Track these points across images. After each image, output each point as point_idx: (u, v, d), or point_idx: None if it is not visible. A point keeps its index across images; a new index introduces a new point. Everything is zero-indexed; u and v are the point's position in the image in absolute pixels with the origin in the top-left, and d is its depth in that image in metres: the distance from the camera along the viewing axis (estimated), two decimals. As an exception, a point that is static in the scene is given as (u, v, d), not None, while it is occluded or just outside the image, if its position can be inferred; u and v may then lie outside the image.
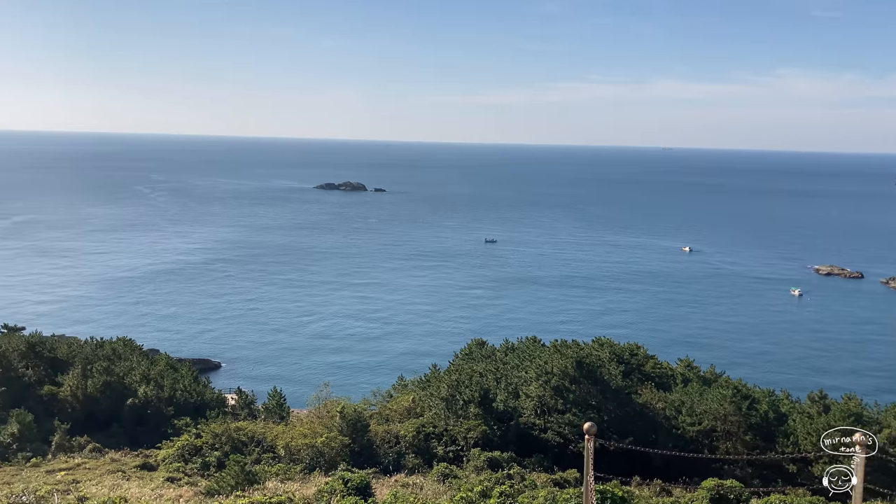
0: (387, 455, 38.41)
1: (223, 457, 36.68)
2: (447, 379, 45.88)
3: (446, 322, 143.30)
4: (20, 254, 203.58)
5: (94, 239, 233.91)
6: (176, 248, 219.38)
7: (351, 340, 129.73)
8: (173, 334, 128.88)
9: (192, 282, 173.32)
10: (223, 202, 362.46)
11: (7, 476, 36.55)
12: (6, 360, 53.16)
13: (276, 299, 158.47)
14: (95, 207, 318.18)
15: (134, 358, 57.66)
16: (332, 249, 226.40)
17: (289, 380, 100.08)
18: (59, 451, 43.02)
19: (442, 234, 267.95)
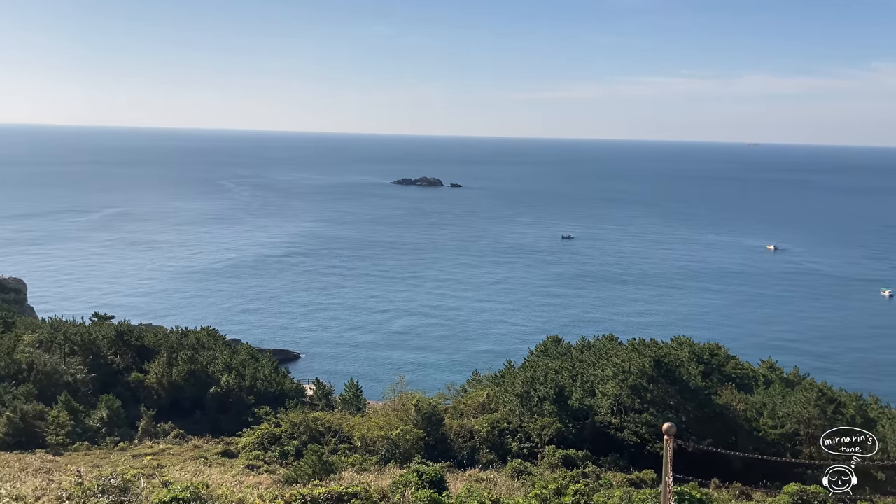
0: (461, 449, 38.51)
1: (301, 446, 37.37)
2: (522, 375, 45.70)
3: (521, 318, 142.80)
4: (110, 245, 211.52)
5: (180, 232, 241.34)
6: (258, 242, 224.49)
7: (426, 335, 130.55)
8: (254, 325, 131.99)
9: (272, 274, 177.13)
10: (304, 197, 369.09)
11: (96, 459, 38.02)
12: (96, 348, 55.31)
13: (353, 293, 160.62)
14: (182, 201, 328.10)
15: (217, 347, 59.19)
16: (408, 244, 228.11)
17: (365, 372, 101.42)
18: (144, 436, 44.52)
19: (518, 229, 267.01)
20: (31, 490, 26.76)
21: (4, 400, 45.15)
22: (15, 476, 31.09)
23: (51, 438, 42.64)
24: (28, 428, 42.48)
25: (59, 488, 26.63)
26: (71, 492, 24.30)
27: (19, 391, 46.87)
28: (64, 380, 50.69)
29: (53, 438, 42.68)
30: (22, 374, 50.58)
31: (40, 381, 49.78)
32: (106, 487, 21.21)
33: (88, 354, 54.52)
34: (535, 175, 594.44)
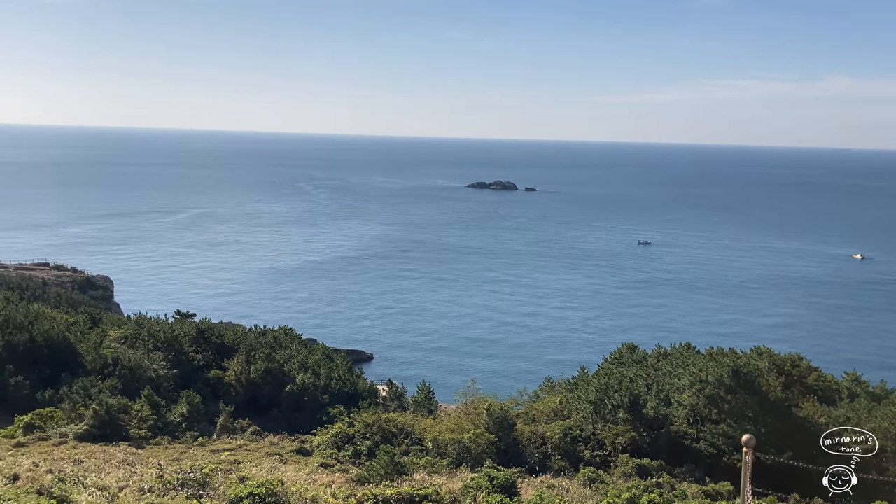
0: (532, 455, 38.27)
1: (374, 446, 37.72)
2: (596, 382, 45.17)
3: (596, 325, 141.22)
4: (193, 245, 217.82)
5: (260, 233, 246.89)
6: (334, 243, 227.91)
7: (499, 339, 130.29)
8: (330, 325, 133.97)
9: (347, 275, 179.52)
10: (379, 200, 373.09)
11: (177, 453, 39.13)
12: (178, 345, 56.92)
13: (427, 296, 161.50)
14: (262, 203, 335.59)
15: (293, 346, 60.23)
16: (481, 248, 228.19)
17: (437, 374, 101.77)
18: (223, 432, 45.59)
19: (593, 234, 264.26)
20: (115, 481, 27.72)
21: (91, 393, 46.85)
22: (100, 467, 32.27)
23: (133, 432, 44.05)
24: (112, 421, 43.95)
25: (141, 480, 27.53)
26: (152, 484, 25.07)
27: (105, 385, 48.56)
28: (147, 375, 52.33)
29: (136, 432, 44.08)
30: (108, 368, 52.42)
31: (125, 375, 51.49)
32: (185, 481, 21.82)
33: (171, 351, 56.16)
34: (612, 179, 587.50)
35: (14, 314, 55.65)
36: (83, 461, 33.94)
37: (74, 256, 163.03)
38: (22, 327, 54.01)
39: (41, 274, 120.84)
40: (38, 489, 23.48)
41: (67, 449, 38.86)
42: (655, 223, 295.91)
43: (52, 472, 29.19)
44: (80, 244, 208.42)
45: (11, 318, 54.62)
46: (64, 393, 47.91)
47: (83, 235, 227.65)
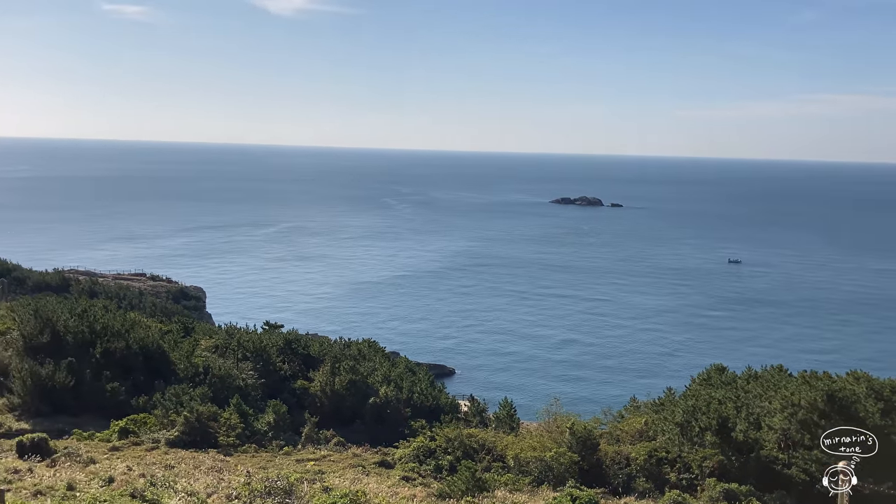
0: (616, 476, 37.56)
1: (455, 461, 37.70)
2: (683, 404, 44.05)
3: (683, 345, 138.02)
4: (282, 258, 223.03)
5: (345, 246, 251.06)
6: (417, 258, 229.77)
7: (583, 357, 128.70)
8: (412, 339, 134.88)
9: (430, 290, 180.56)
10: (463, 214, 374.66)
11: (263, 461, 39.95)
12: (266, 355, 58.26)
13: (509, 311, 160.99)
14: (348, 217, 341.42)
15: (377, 359, 60.88)
16: (565, 264, 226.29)
17: (519, 391, 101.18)
18: (307, 442, 46.34)
19: (681, 251, 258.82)
20: (203, 487, 28.50)
21: (182, 400, 48.33)
22: (189, 473, 33.21)
23: (222, 439, 45.19)
24: (202, 428, 45.21)
25: (229, 487, 28.21)
26: (239, 491, 25.66)
27: (196, 393, 50.01)
28: (236, 384, 53.68)
29: (224, 439, 45.21)
30: (199, 376, 54.01)
31: (215, 384, 52.95)
32: (272, 489, 22.24)
33: (259, 360, 57.53)
34: (700, 195, 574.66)
35: (112, 322, 57.95)
36: (174, 466, 34.99)
37: (169, 267, 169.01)
38: (119, 335, 56.19)
39: (138, 284, 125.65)
40: (131, 492, 24.31)
41: (159, 454, 40.15)
42: (746, 241, 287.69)
43: (144, 476, 30.20)
44: (175, 255, 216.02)
45: (109, 326, 56.89)
46: (157, 399, 49.58)
47: (178, 247, 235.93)
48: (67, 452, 35.35)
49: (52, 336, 55.18)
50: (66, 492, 24.88)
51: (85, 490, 25.76)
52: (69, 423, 48.20)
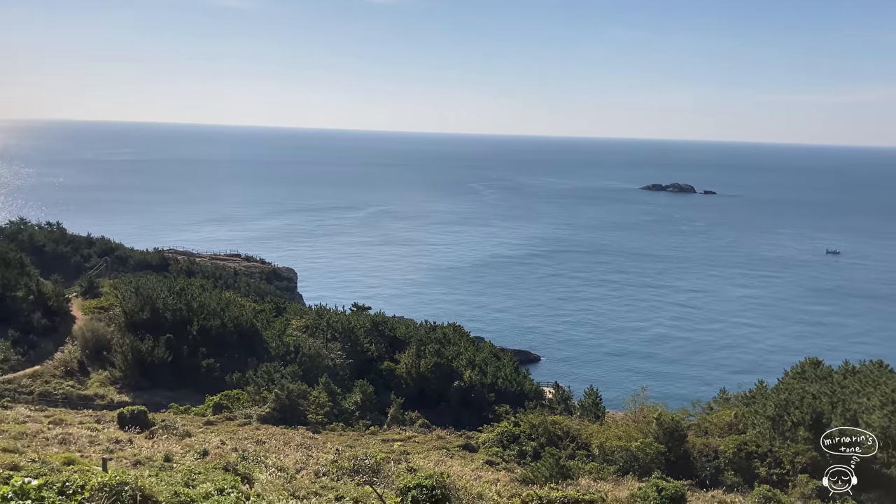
0: (704, 469, 36.86)
1: (539, 448, 37.68)
2: (775, 398, 42.83)
3: (777, 337, 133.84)
4: (370, 241, 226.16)
5: (432, 231, 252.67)
6: (503, 243, 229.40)
7: (671, 347, 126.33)
8: (497, 324, 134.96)
9: (516, 276, 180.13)
10: (550, 201, 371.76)
11: (350, 440, 40.79)
12: (354, 336, 59.35)
13: (595, 299, 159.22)
14: (436, 202, 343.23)
15: (461, 343, 61.21)
16: (654, 252, 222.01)
17: (605, 380, 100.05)
18: (393, 422, 47.07)
19: (776, 241, 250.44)
20: (293, 463, 29.30)
21: (274, 378, 49.71)
22: (279, 449, 34.18)
23: (311, 417, 46.34)
24: (292, 405, 46.46)
25: (317, 464, 28.94)
26: (327, 468, 26.30)
27: (286, 371, 51.36)
28: (325, 363, 54.89)
29: (313, 417, 46.34)
30: (290, 355, 55.45)
31: (305, 363, 54.27)
32: (359, 467, 22.68)
33: (347, 341, 58.66)
34: (797, 183, 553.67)
35: (208, 301, 60.01)
36: (265, 442, 36.08)
37: (263, 249, 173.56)
38: (214, 313, 58.16)
39: (233, 264, 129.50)
40: (224, 466, 25.17)
41: (251, 429, 41.47)
42: (844, 231, 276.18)
43: (236, 450, 31.24)
44: (269, 237, 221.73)
45: (206, 305, 58.94)
46: (250, 376, 51.17)
47: (272, 229, 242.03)
48: (165, 425, 36.87)
49: (151, 313, 57.57)
50: (164, 463, 25.95)
51: (181, 462, 26.82)
52: (166, 397, 50.28)
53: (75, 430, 32.67)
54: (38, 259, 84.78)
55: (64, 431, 31.76)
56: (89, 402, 48.46)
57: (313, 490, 21.57)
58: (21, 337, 55.53)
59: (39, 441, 28.99)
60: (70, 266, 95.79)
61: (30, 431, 30.72)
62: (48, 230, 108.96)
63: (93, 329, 56.72)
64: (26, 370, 52.55)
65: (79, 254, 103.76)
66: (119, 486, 14.46)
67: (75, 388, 51.09)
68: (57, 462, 22.76)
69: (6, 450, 25.04)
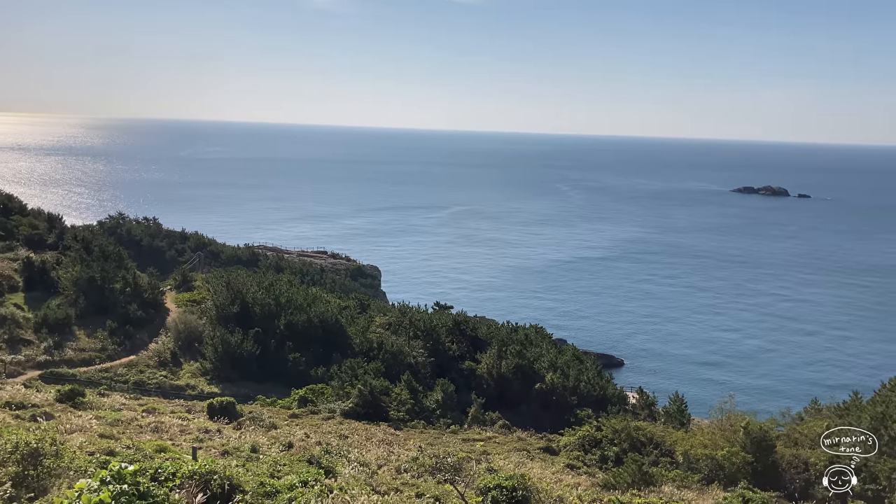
0: (793, 481, 35.63)
1: (621, 453, 37.15)
2: (871, 410, 41.09)
3: (874, 347, 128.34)
4: (452, 240, 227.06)
5: (515, 231, 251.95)
6: (587, 245, 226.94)
7: (760, 354, 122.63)
8: (580, 327, 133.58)
9: (599, 278, 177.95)
10: (636, 202, 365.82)
11: (430, 438, 41.04)
12: (436, 334, 59.73)
13: (683, 303, 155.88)
14: (519, 202, 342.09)
15: (543, 345, 60.91)
16: (744, 257, 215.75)
17: (691, 386, 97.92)
18: (473, 422, 47.16)
19: (878, 247, 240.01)
20: (374, 458, 29.66)
21: (357, 374, 50.46)
22: (361, 444, 34.66)
23: (393, 413, 46.84)
24: (375, 401, 47.07)
25: (398, 460, 29.22)
26: (408, 465, 26.54)
27: (370, 367, 52.08)
28: (407, 361, 55.42)
29: (395, 413, 46.83)
30: (373, 351, 56.21)
31: (387, 359, 54.92)
32: (441, 466, 22.80)
33: (429, 340, 59.10)
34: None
35: (295, 296, 61.35)
36: (347, 437, 36.65)
37: (348, 246, 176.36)
38: (301, 308, 59.43)
39: (319, 261, 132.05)
40: (308, 458, 25.68)
41: (334, 424, 42.18)
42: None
43: (320, 444, 31.83)
44: (354, 235, 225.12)
45: (293, 300, 60.28)
46: (334, 371, 52.09)
47: (357, 227, 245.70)
48: (252, 417, 37.87)
49: (241, 307, 59.24)
50: (250, 454, 26.65)
51: (267, 453, 27.49)
52: (254, 389, 51.67)
53: (167, 419, 33.87)
54: (135, 252, 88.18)
55: (156, 420, 32.96)
56: (181, 392, 50.21)
57: (394, 486, 21.79)
58: (118, 327, 57.92)
59: (133, 428, 30.17)
60: (165, 260, 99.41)
61: (125, 419, 32.01)
62: (145, 225, 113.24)
63: (185, 321, 58.74)
64: (122, 359, 54.81)
65: (173, 248, 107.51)
66: (208, 474, 14.91)
67: (168, 378, 53.02)
68: (150, 449, 23.65)
69: (103, 435, 26.16)
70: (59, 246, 73.50)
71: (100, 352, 55.39)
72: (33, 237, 74.28)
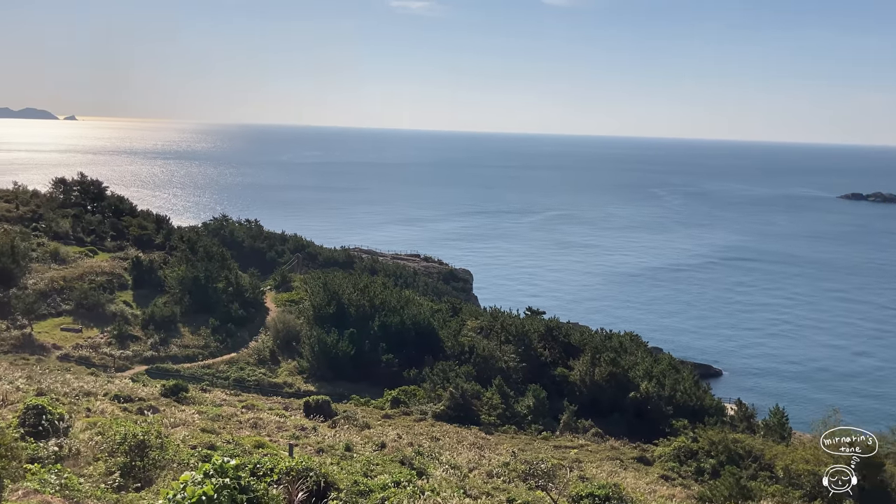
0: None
1: (718, 466, 36.16)
2: None
3: None
4: (547, 245, 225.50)
5: (609, 236, 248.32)
6: (685, 251, 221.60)
7: (869, 370, 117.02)
8: (676, 335, 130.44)
9: (697, 285, 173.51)
10: (737, 208, 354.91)
11: (521, 443, 40.88)
12: (528, 340, 59.46)
13: (786, 313, 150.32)
14: (614, 207, 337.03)
15: (638, 353, 59.84)
16: (851, 265, 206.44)
17: (792, 400, 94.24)
18: (565, 429, 46.73)
19: None
20: (465, 461, 29.75)
21: (449, 377, 50.72)
22: (453, 447, 34.81)
23: (484, 417, 46.88)
24: (466, 405, 47.22)
25: (489, 464, 29.23)
26: (499, 470, 26.51)
27: (461, 370, 52.28)
28: (498, 365, 55.38)
29: (486, 418, 46.85)
30: (464, 355, 56.41)
31: (478, 363, 55.01)
32: (534, 471, 22.69)
33: (521, 345, 58.86)
34: None
35: (389, 298, 62.16)
36: (439, 439, 36.88)
37: (441, 250, 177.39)
38: (395, 310, 60.17)
39: (412, 264, 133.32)
40: (400, 459, 25.97)
41: (426, 425, 42.51)
42: None
43: (412, 445, 32.15)
44: (447, 239, 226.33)
45: (387, 302, 61.09)
46: (426, 373, 52.52)
47: (450, 231, 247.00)
48: (346, 416, 38.57)
49: (337, 308, 60.43)
50: (345, 452, 27.14)
51: (360, 452, 27.95)
52: (348, 389, 52.60)
53: (265, 415, 34.85)
54: (237, 253, 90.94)
55: (255, 416, 33.96)
56: (278, 390, 51.56)
57: (485, 490, 21.81)
58: (220, 325, 59.94)
59: (233, 424, 31.17)
60: (265, 261, 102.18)
61: (225, 414, 33.09)
62: (247, 227, 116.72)
63: (284, 321, 60.32)
64: (224, 357, 56.70)
65: (273, 249, 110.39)
66: (304, 471, 15.29)
67: (266, 375, 54.54)
68: (248, 444, 24.38)
69: (205, 430, 27.12)
70: (166, 246, 76.67)
71: (202, 349, 57.46)
72: (142, 237, 77.71)
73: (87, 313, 58.78)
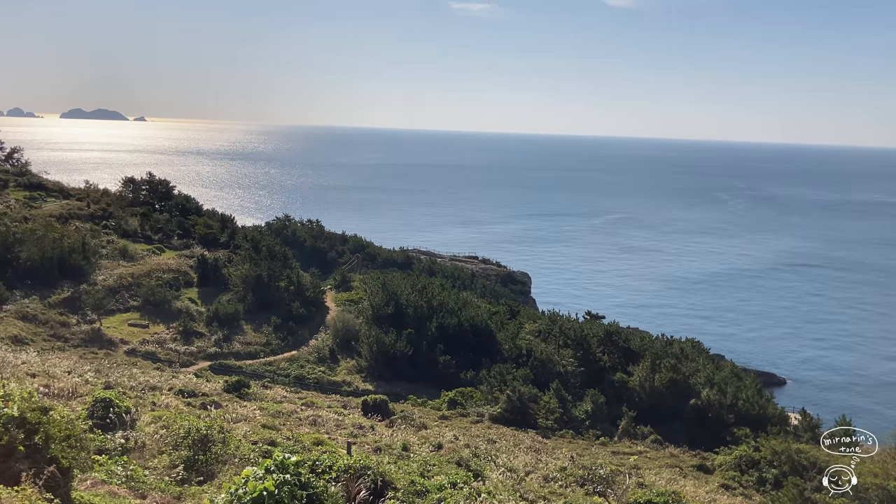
0: (978, 521, 32.63)
1: (781, 476, 35.34)
2: None
3: None
4: (606, 249, 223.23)
5: (671, 240, 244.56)
6: (749, 256, 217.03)
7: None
8: (738, 342, 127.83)
9: (762, 291, 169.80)
10: (805, 213, 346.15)
11: (578, 448, 40.55)
12: (587, 344, 58.97)
13: (855, 322, 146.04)
14: (677, 211, 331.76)
15: (700, 360, 58.82)
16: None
17: (859, 411, 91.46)
18: (624, 435, 46.20)
19: None
20: (522, 465, 29.66)
21: (506, 379, 50.63)
22: (509, 450, 34.74)
23: (541, 421, 46.65)
24: (523, 408, 47.05)
25: (546, 468, 29.08)
26: (556, 474, 26.36)
27: (518, 373, 52.12)
28: (556, 369, 55.05)
29: (543, 422, 46.62)
30: (522, 358, 56.23)
31: (536, 367, 54.76)
32: (592, 477, 22.52)
33: (579, 349, 58.42)
34: None
35: (447, 300, 62.35)
36: (496, 441, 36.84)
37: (499, 252, 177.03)
38: (452, 312, 60.32)
39: (470, 266, 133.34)
40: (457, 460, 26.03)
41: (483, 428, 42.50)
42: None
43: (468, 446, 32.17)
44: (505, 241, 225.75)
45: (445, 303, 61.29)
46: (483, 375, 52.52)
47: (509, 233, 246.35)
48: (403, 416, 38.80)
49: (395, 308, 60.85)
50: (402, 452, 27.31)
51: (417, 453, 28.08)
52: (405, 389, 52.92)
53: (324, 413, 35.29)
54: (298, 253, 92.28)
55: (314, 414, 34.42)
56: (337, 388, 52.15)
57: (542, 494, 21.72)
58: (282, 323, 60.91)
59: (293, 421, 31.64)
60: (326, 260, 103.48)
61: (285, 411, 33.62)
62: (309, 227, 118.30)
63: (343, 320, 60.99)
64: (285, 354, 57.59)
65: (334, 250, 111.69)
66: (362, 469, 15.45)
67: (326, 373, 55.21)
68: (308, 441, 24.73)
69: (265, 426, 27.61)
70: (231, 245, 78.23)
71: (264, 346, 58.47)
72: (207, 236, 79.42)
73: (153, 309, 60.32)
